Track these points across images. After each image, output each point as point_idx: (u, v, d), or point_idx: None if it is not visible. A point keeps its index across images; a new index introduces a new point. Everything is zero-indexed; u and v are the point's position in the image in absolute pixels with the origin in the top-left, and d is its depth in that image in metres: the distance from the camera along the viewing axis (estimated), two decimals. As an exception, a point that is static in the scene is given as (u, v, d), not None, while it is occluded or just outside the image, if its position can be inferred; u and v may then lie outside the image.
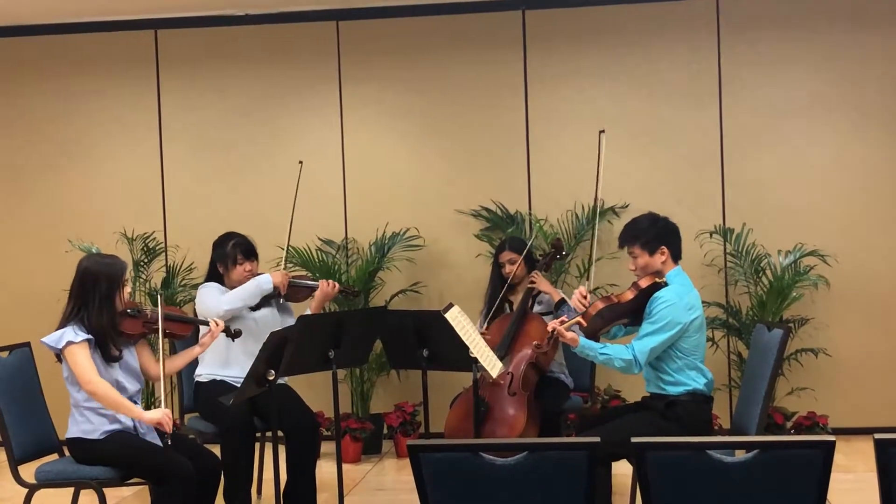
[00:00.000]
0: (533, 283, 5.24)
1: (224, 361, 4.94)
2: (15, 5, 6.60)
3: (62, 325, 4.07)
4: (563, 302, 5.21)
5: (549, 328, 4.16)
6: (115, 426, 4.10)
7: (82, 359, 3.98)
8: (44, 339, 4.05)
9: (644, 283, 4.21)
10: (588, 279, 4.49)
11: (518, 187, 6.70)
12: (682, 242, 4.36)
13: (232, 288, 5.02)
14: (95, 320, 4.05)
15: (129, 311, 4.18)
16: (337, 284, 5.19)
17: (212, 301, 4.89)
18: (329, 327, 4.45)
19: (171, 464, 3.99)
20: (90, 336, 4.03)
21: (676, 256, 4.30)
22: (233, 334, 4.48)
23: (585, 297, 4.31)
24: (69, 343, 3.99)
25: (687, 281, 4.27)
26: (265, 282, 4.96)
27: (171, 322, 4.28)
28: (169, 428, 4.00)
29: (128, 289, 4.18)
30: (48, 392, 4.48)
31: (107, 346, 4.07)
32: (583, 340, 4.14)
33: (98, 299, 4.06)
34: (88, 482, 4.08)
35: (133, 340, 4.24)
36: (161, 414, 3.98)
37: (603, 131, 4.83)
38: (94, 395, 3.99)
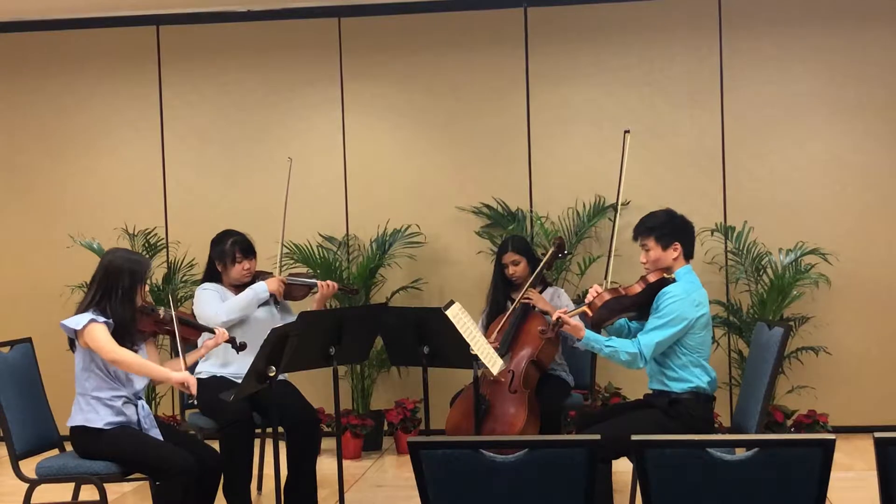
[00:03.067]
0: (529, 299, 5.11)
1: (224, 361, 4.95)
2: (17, 1, 6.59)
3: (81, 312, 4.09)
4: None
5: (554, 317, 4.14)
6: (120, 418, 4.11)
7: (102, 333, 4.01)
8: (64, 322, 4.06)
9: (653, 277, 4.21)
10: (606, 277, 4.46)
11: (519, 184, 6.70)
12: (695, 242, 4.35)
13: (230, 286, 5.05)
14: (117, 312, 4.08)
15: (143, 307, 4.22)
16: (335, 284, 5.19)
17: (210, 309, 4.90)
18: (330, 324, 4.45)
19: (172, 458, 4.01)
20: (110, 321, 4.07)
21: (688, 255, 4.30)
22: (237, 346, 4.47)
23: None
24: (91, 321, 4.01)
25: (695, 279, 4.26)
26: (261, 290, 4.97)
27: (182, 325, 4.31)
28: (193, 389, 4.08)
29: (147, 287, 4.22)
30: (49, 387, 4.49)
31: (123, 339, 4.09)
32: (588, 333, 4.14)
33: (121, 294, 4.10)
34: (89, 477, 4.08)
35: (144, 338, 4.28)
36: (186, 375, 4.09)
37: (628, 131, 4.75)
38: (121, 363, 4.03)
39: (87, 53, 7.02)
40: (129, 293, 4.12)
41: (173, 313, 4.25)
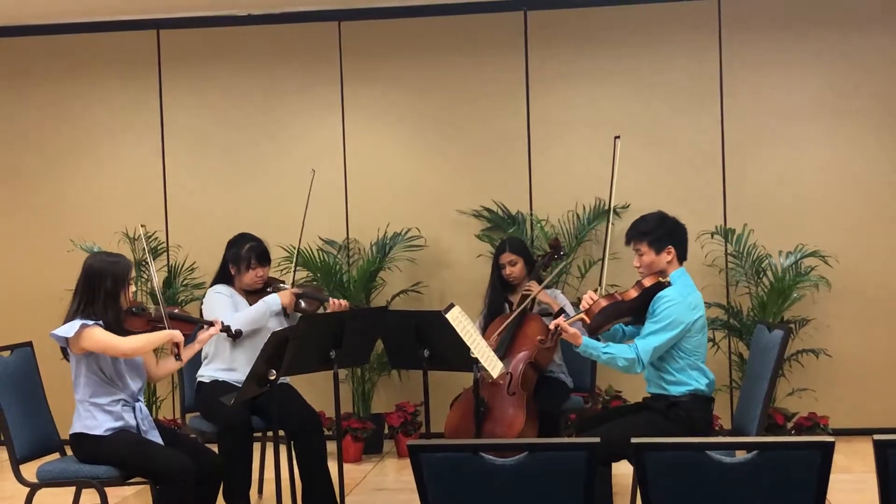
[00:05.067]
0: (529, 290, 5.16)
1: (228, 366, 4.95)
2: (17, 5, 6.60)
3: (68, 320, 4.08)
4: (562, 311, 5.20)
5: (552, 325, 4.16)
6: (119, 423, 4.11)
7: (102, 334, 4.01)
8: (54, 332, 4.05)
9: (648, 281, 4.21)
10: (600, 283, 4.48)
11: (519, 187, 6.70)
12: (687, 244, 4.36)
13: (242, 289, 5.04)
14: (101, 316, 4.07)
15: (133, 309, 4.23)
16: (346, 304, 5.14)
17: (221, 317, 4.85)
18: (330, 327, 4.46)
19: (172, 462, 4.01)
20: (101, 323, 4.06)
21: (682, 257, 4.30)
22: (233, 335, 4.50)
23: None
24: (83, 326, 4.00)
25: (690, 282, 4.27)
26: (274, 304, 4.95)
27: (174, 321, 4.32)
28: (182, 346, 4.17)
29: (132, 287, 4.21)
30: (50, 391, 4.49)
31: None
32: (586, 339, 4.15)
33: (104, 296, 4.09)
34: (90, 481, 4.08)
35: None
36: (175, 331, 4.16)
37: (618, 137, 4.77)
38: (135, 351, 4.07)
39: (87, 58, 7.02)
40: (112, 295, 4.11)
41: (163, 310, 4.24)
